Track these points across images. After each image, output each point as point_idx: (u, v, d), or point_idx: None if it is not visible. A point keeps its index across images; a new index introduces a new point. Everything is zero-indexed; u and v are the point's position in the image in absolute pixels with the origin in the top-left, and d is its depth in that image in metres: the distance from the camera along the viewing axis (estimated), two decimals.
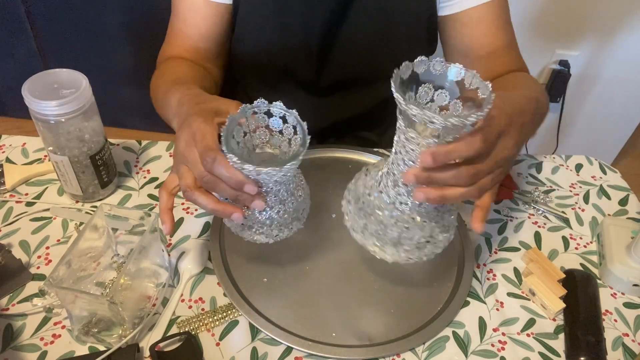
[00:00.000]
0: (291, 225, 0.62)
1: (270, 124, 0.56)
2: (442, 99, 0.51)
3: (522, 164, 0.89)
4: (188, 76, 0.75)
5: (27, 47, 1.83)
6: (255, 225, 0.60)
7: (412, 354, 0.62)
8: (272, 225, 0.60)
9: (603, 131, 1.86)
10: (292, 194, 0.59)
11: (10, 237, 0.71)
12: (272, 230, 0.61)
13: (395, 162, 0.53)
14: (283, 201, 0.58)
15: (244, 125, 0.55)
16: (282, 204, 0.58)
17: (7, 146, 0.84)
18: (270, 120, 0.55)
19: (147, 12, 1.69)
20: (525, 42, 1.62)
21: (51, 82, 0.67)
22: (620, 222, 0.77)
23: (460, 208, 0.80)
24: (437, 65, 0.50)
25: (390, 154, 0.55)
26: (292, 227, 0.62)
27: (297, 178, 0.60)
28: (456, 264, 0.72)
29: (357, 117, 0.95)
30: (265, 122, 0.55)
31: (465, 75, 0.48)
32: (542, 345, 0.64)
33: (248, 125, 0.55)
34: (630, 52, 1.63)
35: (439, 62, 0.50)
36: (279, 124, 0.55)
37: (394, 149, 0.54)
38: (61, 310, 0.63)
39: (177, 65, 0.79)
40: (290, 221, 0.61)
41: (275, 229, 0.60)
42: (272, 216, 0.58)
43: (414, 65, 0.49)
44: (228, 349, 0.61)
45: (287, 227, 0.62)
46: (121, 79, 1.89)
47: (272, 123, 0.55)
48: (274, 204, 0.57)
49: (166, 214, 0.58)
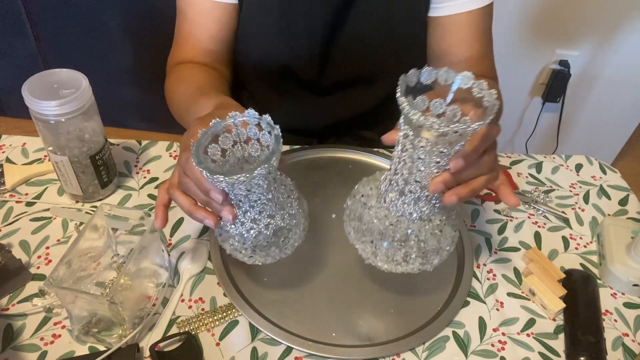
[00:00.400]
0: (269, 250, 0.58)
1: (262, 138, 0.53)
2: (438, 107, 0.52)
3: (522, 164, 0.89)
4: (210, 84, 0.76)
5: (27, 47, 1.83)
6: (230, 239, 0.58)
7: (412, 354, 0.62)
8: (246, 244, 0.57)
9: (603, 131, 1.86)
10: (271, 216, 0.54)
11: (10, 237, 0.71)
12: (246, 250, 0.57)
13: (400, 172, 0.53)
14: (255, 221, 0.54)
15: (233, 134, 0.53)
16: (254, 223, 0.54)
17: (7, 146, 0.84)
18: (261, 134, 0.52)
19: (147, 12, 1.69)
20: (525, 42, 1.63)
21: (51, 82, 0.67)
22: (620, 222, 0.77)
23: (458, 208, 0.80)
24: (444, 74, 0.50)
25: (390, 168, 0.55)
26: (271, 254, 0.58)
27: (280, 202, 0.55)
28: (456, 264, 0.72)
29: (358, 116, 0.95)
30: (257, 135, 0.53)
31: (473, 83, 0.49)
32: (542, 345, 0.64)
33: (239, 135, 0.53)
34: (630, 52, 1.63)
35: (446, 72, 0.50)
36: (267, 139, 0.52)
37: (395, 161, 0.53)
38: (61, 310, 0.63)
39: (196, 72, 0.80)
40: (265, 245, 0.57)
41: (249, 249, 0.57)
42: (242, 234, 0.55)
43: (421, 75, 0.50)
44: (228, 349, 0.61)
45: (264, 251, 0.58)
46: (121, 79, 1.89)
47: (263, 137, 0.53)
48: (245, 221, 0.54)
49: (159, 209, 0.59)
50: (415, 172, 0.51)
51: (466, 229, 0.76)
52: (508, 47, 1.63)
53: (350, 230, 0.61)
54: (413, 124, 0.46)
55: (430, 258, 0.58)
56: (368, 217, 0.57)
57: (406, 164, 0.51)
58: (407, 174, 0.52)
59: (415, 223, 0.56)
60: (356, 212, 0.59)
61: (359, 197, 0.59)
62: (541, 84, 1.73)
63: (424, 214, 0.55)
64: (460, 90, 0.50)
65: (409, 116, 0.45)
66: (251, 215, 0.54)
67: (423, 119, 0.44)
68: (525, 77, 1.73)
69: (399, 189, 0.54)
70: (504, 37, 1.61)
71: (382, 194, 0.57)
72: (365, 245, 0.59)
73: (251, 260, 0.59)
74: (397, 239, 0.57)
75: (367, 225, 0.58)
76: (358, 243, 0.60)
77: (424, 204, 0.55)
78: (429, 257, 0.58)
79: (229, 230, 0.56)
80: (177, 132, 2.29)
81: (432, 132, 0.46)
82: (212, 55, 0.83)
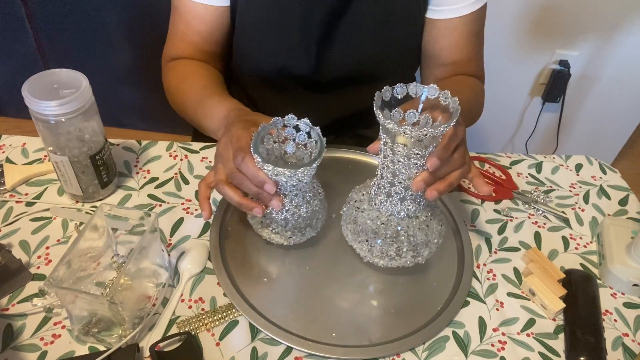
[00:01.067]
0: (304, 230, 0.68)
1: (297, 138, 0.64)
2: (412, 117, 0.60)
3: (522, 164, 0.89)
4: (213, 84, 0.81)
5: (27, 47, 1.83)
6: (272, 225, 0.66)
7: (412, 354, 0.62)
8: (287, 227, 0.66)
9: (603, 131, 1.86)
10: (308, 202, 0.65)
11: (10, 237, 0.71)
12: (287, 232, 0.67)
13: (385, 176, 0.61)
14: (298, 206, 0.64)
15: (274, 135, 0.63)
16: (297, 209, 0.64)
17: (7, 146, 0.84)
18: (298, 134, 0.64)
19: (147, 12, 1.69)
20: (525, 42, 1.63)
21: (51, 82, 0.67)
22: (620, 222, 0.77)
23: (458, 209, 0.80)
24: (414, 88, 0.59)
25: (377, 174, 0.62)
26: (305, 233, 0.68)
27: (314, 189, 0.67)
28: (456, 264, 0.72)
29: (356, 115, 0.95)
30: (293, 136, 0.64)
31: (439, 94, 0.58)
32: (542, 345, 0.64)
33: (278, 136, 0.64)
34: (630, 52, 1.63)
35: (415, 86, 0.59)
36: (304, 138, 0.64)
37: (380, 167, 0.61)
38: (61, 310, 0.63)
39: (198, 70, 0.84)
40: (303, 226, 0.67)
41: (289, 231, 0.67)
42: (287, 218, 0.65)
43: (394, 90, 0.58)
44: (228, 349, 0.61)
45: (300, 232, 0.68)
46: (121, 79, 1.89)
47: (299, 137, 0.64)
48: (290, 207, 0.64)
49: (204, 202, 0.66)
50: (398, 174, 0.59)
51: (466, 229, 0.76)
52: (508, 47, 1.63)
53: (347, 233, 0.68)
54: (390, 132, 0.55)
55: (421, 251, 0.65)
56: (362, 219, 0.65)
57: (389, 169, 0.59)
58: (391, 177, 0.60)
59: (403, 220, 0.63)
60: (351, 216, 0.66)
61: (352, 202, 0.67)
62: (541, 84, 1.73)
63: (410, 212, 0.63)
64: (429, 100, 0.59)
65: (385, 125, 0.54)
66: (295, 201, 0.64)
67: (397, 127, 0.53)
68: (525, 77, 1.73)
69: (386, 191, 0.62)
70: (504, 38, 1.61)
71: (372, 198, 0.64)
72: (361, 245, 0.66)
73: (289, 241, 0.68)
74: (389, 236, 0.63)
75: (362, 227, 0.65)
76: (355, 243, 0.67)
77: (410, 203, 0.62)
78: (419, 250, 0.65)
79: (273, 217, 0.65)
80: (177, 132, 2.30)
81: (405, 137, 0.54)
82: (206, 55, 0.86)
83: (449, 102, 0.57)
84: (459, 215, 0.78)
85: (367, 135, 1.00)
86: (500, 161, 0.90)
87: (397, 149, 0.57)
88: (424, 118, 0.60)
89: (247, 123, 0.64)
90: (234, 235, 0.73)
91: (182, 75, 0.83)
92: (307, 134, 0.64)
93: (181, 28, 0.84)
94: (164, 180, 0.80)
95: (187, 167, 0.83)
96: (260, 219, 0.67)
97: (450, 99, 0.57)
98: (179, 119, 0.87)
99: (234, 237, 0.73)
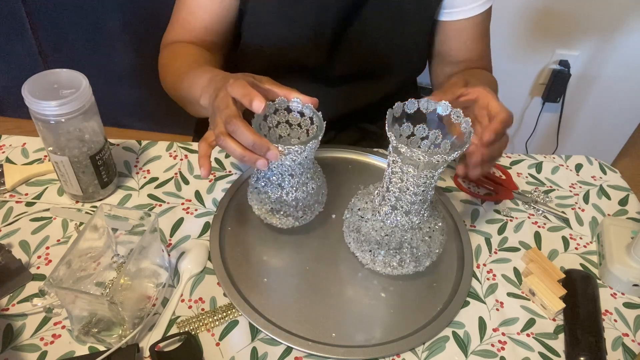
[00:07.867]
0: (313, 207, 0.69)
1: (290, 119, 0.64)
2: (422, 132, 0.60)
3: (522, 164, 0.89)
4: (205, 58, 0.80)
5: (27, 47, 1.83)
6: (283, 208, 0.67)
7: (412, 354, 0.62)
8: (298, 206, 0.67)
9: (603, 131, 1.86)
10: (313, 178, 0.67)
11: (10, 237, 0.71)
12: (298, 212, 0.68)
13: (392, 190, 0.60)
14: (305, 184, 0.66)
15: (267, 121, 0.64)
16: (305, 186, 0.66)
17: (7, 146, 0.84)
18: (290, 115, 0.64)
19: (147, 12, 1.69)
20: (525, 42, 1.63)
21: (51, 82, 0.67)
22: (620, 222, 0.77)
23: (458, 209, 0.80)
24: (425, 104, 0.58)
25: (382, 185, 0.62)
26: (314, 209, 0.70)
27: (314, 165, 0.68)
28: (456, 264, 0.72)
29: (362, 109, 0.95)
30: (286, 117, 0.64)
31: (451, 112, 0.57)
32: (542, 345, 0.64)
33: (270, 120, 0.63)
34: (630, 52, 1.63)
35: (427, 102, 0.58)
36: (298, 118, 0.64)
37: (387, 180, 0.60)
38: (61, 310, 0.63)
39: (191, 48, 0.83)
40: (312, 203, 0.68)
41: (300, 210, 0.67)
42: (298, 197, 0.66)
43: (405, 106, 0.57)
44: (228, 349, 0.61)
45: (310, 209, 0.69)
46: (121, 79, 1.89)
47: (291, 118, 0.65)
48: (298, 186, 0.65)
49: (204, 159, 0.64)
50: (405, 190, 0.59)
51: (466, 229, 0.76)
52: (508, 47, 1.63)
53: (350, 241, 0.68)
54: (401, 155, 0.54)
55: (422, 261, 0.65)
56: (366, 229, 0.64)
57: (396, 185, 0.59)
58: (398, 192, 0.60)
59: (407, 232, 0.63)
60: (354, 225, 0.66)
61: (356, 210, 0.66)
62: (541, 84, 1.73)
63: (414, 224, 0.62)
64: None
65: (398, 149, 0.53)
66: (302, 180, 0.65)
67: (410, 152, 0.52)
68: (525, 77, 1.73)
69: (392, 204, 0.61)
70: (505, 38, 1.61)
71: (376, 208, 0.64)
72: (364, 254, 0.66)
73: (301, 221, 0.69)
74: (392, 247, 0.63)
75: (366, 236, 0.64)
76: (358, 252, 0.67)
77: (414, 216, 0.62)
78: (421, 261, 0.65)
79: (284, 200, 0.65)
80: (177, 132, 2.30)
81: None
82: (205, 44, 0.85)
83: (461, 122, 0.56)
84: (458, 216, 0.78)
85: (371, 130, 1.00)
86: (501, 161, 0.90)
87: (407, 169, 0.56)
88: (433, 133, 0.60)
89: (241, 76, 0.62)
90: (234, 235, 0.73)
91: (175, 54, 0.83)
92: (300, 113, 0.64)
93: (184, 16, 0.83)
94: (164, 180, 0.80)
95: (187, 167, 0.83)
96: (271, 205, 0.67)
97: (463, 119, 0.56)
98: (179, 119, 0.87)
99: (234, 237, 0.73)
